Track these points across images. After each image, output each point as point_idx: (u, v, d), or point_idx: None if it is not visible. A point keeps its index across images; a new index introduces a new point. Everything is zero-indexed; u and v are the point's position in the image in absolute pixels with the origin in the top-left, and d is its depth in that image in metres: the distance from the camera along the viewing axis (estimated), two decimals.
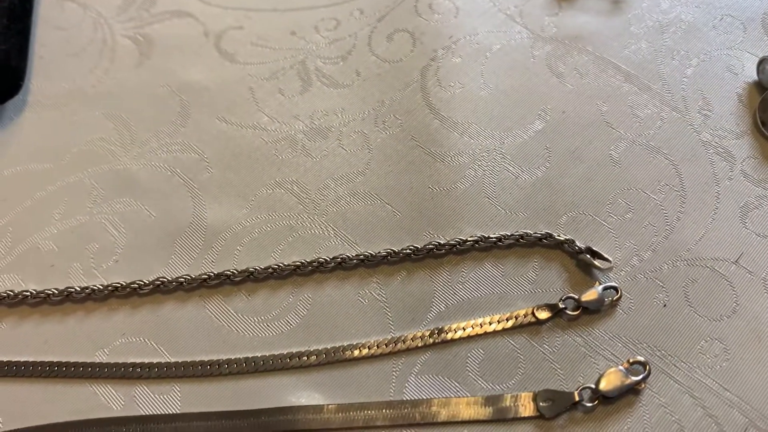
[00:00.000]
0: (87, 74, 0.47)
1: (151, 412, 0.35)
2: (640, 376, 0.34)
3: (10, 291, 0.39)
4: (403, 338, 0.36)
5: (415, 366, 0.35)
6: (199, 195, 0.42)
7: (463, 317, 0.37)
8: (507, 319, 0.36)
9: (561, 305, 0.36)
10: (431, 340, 0.36)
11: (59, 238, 0.41)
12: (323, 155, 0.43)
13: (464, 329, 0.36)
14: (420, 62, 0.46)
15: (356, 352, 0.36)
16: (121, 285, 0.38)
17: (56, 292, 0.38)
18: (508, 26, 0.48)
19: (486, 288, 0.38)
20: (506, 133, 0.43)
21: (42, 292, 0.39)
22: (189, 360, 0.36)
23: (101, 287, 0.38)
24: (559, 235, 0.38)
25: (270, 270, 0.38)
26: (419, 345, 0.36)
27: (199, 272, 0.39)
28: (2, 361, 0.37)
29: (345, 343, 0.36)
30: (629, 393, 0.34)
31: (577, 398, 0.34)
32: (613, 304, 0.37)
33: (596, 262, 0.37)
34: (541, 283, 0.38)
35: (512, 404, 0.34)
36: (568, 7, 0.49)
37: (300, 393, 0.35)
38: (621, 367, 0.34)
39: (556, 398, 0.34)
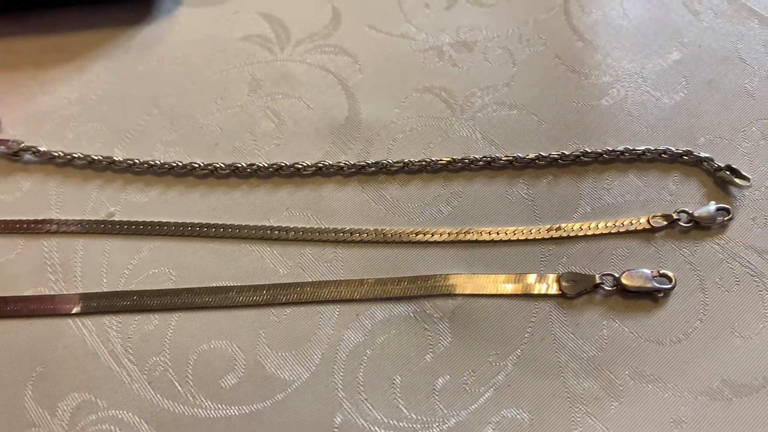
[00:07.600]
0: None
1: (315, 277, 0.38)
2: (665, 286, 0.36)
3: (178, 161, 0.42)
4: (550, 227, 0.38)
5: (562, 258, 0.38)
6: (353, 93, 0.44)
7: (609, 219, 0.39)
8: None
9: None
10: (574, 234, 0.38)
11: (222, 121, 0.43)
12: (469, 66, 0.45)
13: (605, 225, 0.38)
14: None
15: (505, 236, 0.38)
16: (285, 164, 0.41)
17: (223, 165, 0.41)
18: None
19: (630, 196, 0.40)
20: (646, 59, 0.45)
21: (209, 164, 0.41)
22: (348, 227, 0.39)
23: (266, 165, 0.41)
24: (699, 153, 0.40)
25: (423, 163, 0.41)
26: (563, 236, 0.38)
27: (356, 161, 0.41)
28: (173, 222, 0.40)
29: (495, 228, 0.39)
30: (648, 296, 0.36)
31: (598, 281, 0.36)
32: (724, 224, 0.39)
33: (736, 180, 0.39)
34: (681, 195, 0.40)
35: (537, 282, 0.37)
36: None
37: (451, 265, 0.38)
38: (648, 272, 0.36)
39: (579, 280, 0.36)
